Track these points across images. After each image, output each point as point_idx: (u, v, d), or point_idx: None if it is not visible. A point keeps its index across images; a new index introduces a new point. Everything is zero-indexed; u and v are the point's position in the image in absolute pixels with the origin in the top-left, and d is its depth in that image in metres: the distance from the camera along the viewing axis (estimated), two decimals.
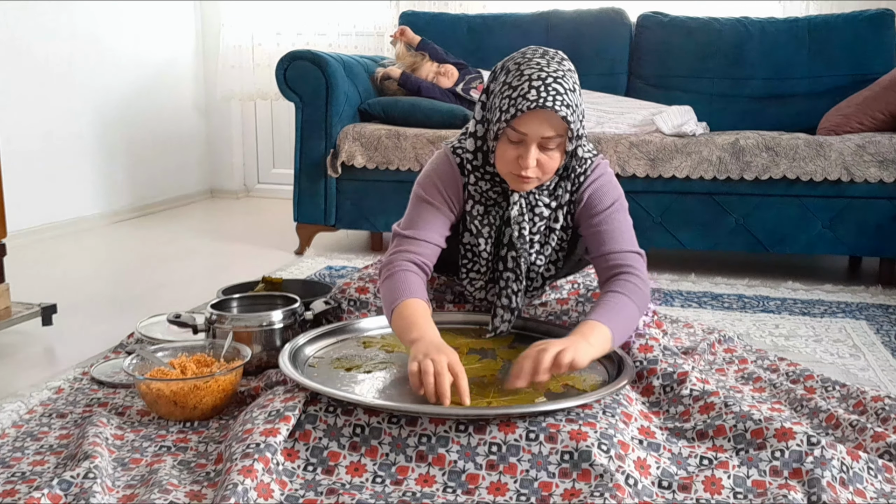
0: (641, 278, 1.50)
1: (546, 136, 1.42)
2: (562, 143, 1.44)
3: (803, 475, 1.20)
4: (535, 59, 1.46)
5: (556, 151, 1.45)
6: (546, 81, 1.41)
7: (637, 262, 1.53)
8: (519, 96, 1.41)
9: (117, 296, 2.50)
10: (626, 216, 1.58)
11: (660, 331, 1.58)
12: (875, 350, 1.96)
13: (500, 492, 1.19)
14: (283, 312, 1.68)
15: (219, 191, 4.58)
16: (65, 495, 1.15)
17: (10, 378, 1.76)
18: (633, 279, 1.49)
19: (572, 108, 1.42)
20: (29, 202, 3.24)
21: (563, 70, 1.45)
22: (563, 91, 1.41)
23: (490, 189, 1.56)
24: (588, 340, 1.35)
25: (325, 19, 4.17)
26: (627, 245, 1.54)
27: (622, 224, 1.56)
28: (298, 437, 1.27)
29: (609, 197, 1.57)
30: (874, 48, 3.11)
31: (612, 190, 1.58)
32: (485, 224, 1.58)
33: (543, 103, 1.39)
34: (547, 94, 1.40)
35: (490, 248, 1.59)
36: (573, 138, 1.45)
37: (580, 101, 1.46)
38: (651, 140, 2.69)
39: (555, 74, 1.43)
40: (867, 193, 2.56)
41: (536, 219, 1.56)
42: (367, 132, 2.92)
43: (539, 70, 1.43)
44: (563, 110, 1.40)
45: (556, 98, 1.40)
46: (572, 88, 1.44)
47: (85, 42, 3.55)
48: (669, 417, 1.40)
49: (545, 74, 1.42)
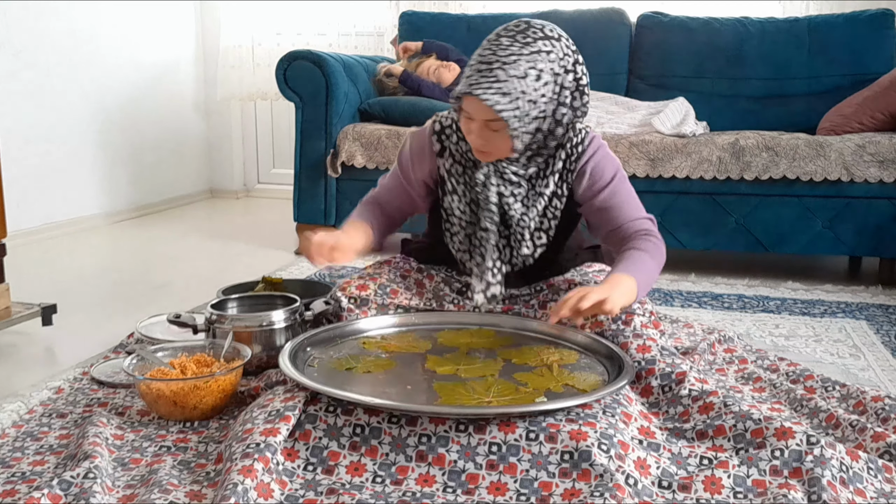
0: (657, 237, 1.63)
1: (487, 118, 1.47)
2: (505, 126, 1.47)
3: (803, 474, 1.20)
4: (500, 39, 1.49)
5: (502, 134, 1.49)
6: (490, 65, 1.45)
7: (650, 225, 1.65)
8: (466, 77, 1.48)
9: (117, 296, 2.50)
10: (629, 185, 1.67)
11: (657, 331, 1.58)
12: (875, 350, 1.96)
13: (500, 492, 1.19)
14: (283, 312, 1.68)
15: (219, 191, 4.58)
16: (65, 495, 1.15)
17: (10, 378, 1.76)
18: (652, 238, 1.62)
19: (512, 95, 1.44)
20: (29, 202, 3.24)
21: (522, 53, 1.46)
22: (506, 78, 1.44)
23: (469, 150, 1.61)
24: (619, 289, 1.46)
25: (325, 19, 4.16)
26: (637, 212, 1.65)
27: (628, 194, 1.65)
28: (298, 436, 1.27)
29: (610, 170, 1.64)
30: (874, 48, 3.11)
31: (611, 162, 1.65)
32: (460, 182, 1.65)
33: (472, 90, 1.44)
34: (483, 78, 1.44)
35: (464, 206, 1.65)
36: (517, 124, 1.47)
37: (539, 86, 1.47)
38: (651, 140, 2.69)
39: (504, 58, 1.45)
40: (867, 193, 2.56)
41: (507, 184, 1.60)
42: (367, 132, 2.92)
43: (491, 53, 1.47)
44: (492, 98, 1.43)
45: (492, 86, 1.43)
46: (522, 74, 1.45)
47: (85, 42, 3.55)
48: (669, 418, 1.40)
49: (493, 59, 1.46)
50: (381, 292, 1.71)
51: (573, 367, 1.47)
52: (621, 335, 1.55)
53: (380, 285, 1.72)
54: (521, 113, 1.47)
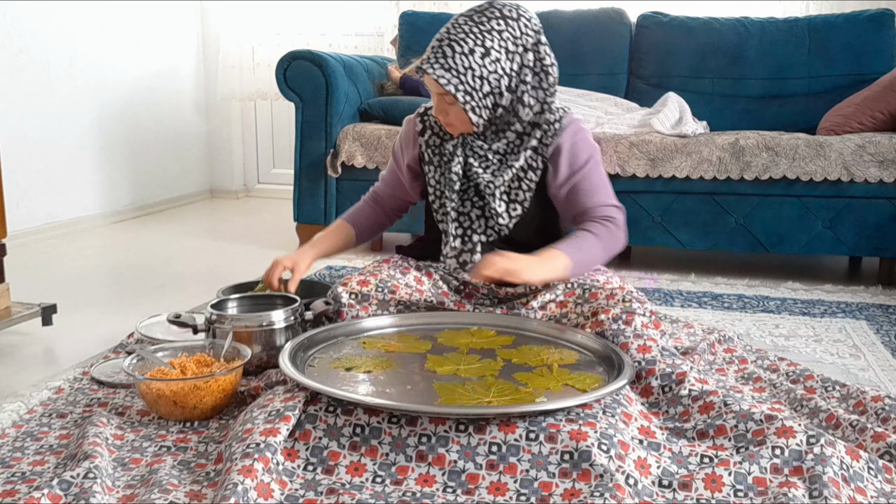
0: (616, 225, 1.64)
1: (440, 93, 1.61)
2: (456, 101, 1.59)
3: (804, 472, 1.20)
4: (459, 18, 1.62)
5: (457, 107, 1.61)
6: (441, 43, 1.59)
7: (615, 213, 1.67)
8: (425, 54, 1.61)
9: (117, 296, 2.50)
10: (603, 171, 1.71)
11: (658, 331, 1.58)
12: (875, 350, 1.96)
13: (500, 492, 1.19)
14: (283, 312, 1.68)
15: (219, 191, 4.58)
16: (65, 495, 1.15)
17: (10, 378, 1.76)
18: (607, 223, 1.65)
19: (456, 70, 1.57)
20: (29, 202, 3.24)
21: (475, 31, 1.59)
22: (452, 54, 1.57)
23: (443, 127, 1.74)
24: (546, 264, 1.55)
25: (325, 19, 4.17)
26: (605, 199, 1.68)
27: (601, 180, 1.69)
28: (298, 436, 1.27)
29: (585, 153, 1.68)
30: (874, 48, 3.11)
31: (588, 146, 1.70)
32: (436, 154, 1.77)
33: (422, 64, 1.59)
34: (433, 55, 1.59)
35: (438, 175, 1.76)
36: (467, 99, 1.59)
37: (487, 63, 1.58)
38: (651, 140, 2.69)
39: (455, 35, 1.58)
40: (867, 193, 2.56)
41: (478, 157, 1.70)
42: (367, 132, 2.92)
43: (446, 32, 1.61)
44: (437, 73, 1.57)
45: (438, 61, 1.58)
46: (469, 51, 1.57)
47: (85, 42, 3.55)
48: (669, 418, 1.40)
49: (445, 37, 1.60)
50: (383, 287, 1.72)
51: (573, 367, 1.47)
52: (622, 335, 1.55)
53: (380, 280, 1.72)
54: (468, 88, 1.58)
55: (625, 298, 1.62)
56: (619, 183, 2.72)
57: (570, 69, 3.35)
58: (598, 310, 1.62)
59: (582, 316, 1.64)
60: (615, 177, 2.72)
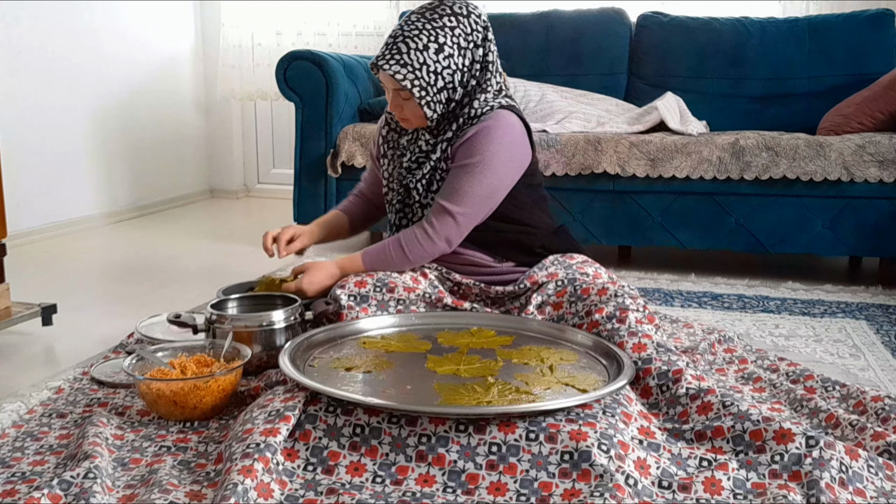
0: (429, 228, 1.71)
1: (395, 88, 1.67)
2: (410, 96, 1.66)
3: (802, 477, 1.20)
4: (411, 16, 1.68)
5: (411, 102, 1.68)
6: (396, 39, 1.65)
7: (438, 216, 1.72)
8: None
9: (117, 296, 2.50)
10: (472, 177, 1.71)
11: (652, 326, 1.57)
12: (875, 350, 1.96)
13: (500, 492, 1.19)
14: (283, 312, 1.68)
15: (219, 191, 4.58)
16: (65, 495, 1.15)
17: (10, 378, 1.76)
18: (422, 226, 1.73)
19: (411, 66, 1.63)
20: (29, 202, 3.24)
21: (427, 28, 1.65)
22: (406, 50, 1.63)
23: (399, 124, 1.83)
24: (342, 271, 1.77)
25: (325, 19, 4.16)
26: (444, 200, 1.72)
27: (459, 182, 1.71)
28: (298, 436, 1.27)
29: (472, 151, 1.71)
30: (874, 48, 3.11)
31: (482, 144, 1.71)
32: (390, 148, 1.85)
33: (377, 61, 1.66)
34: (388, 51, 1.65)
35: (391, 167, 1.84)
36: (422, 93, 1.65)
37: (440, 59, 1.65)
38: (651, 140, 2.69)
39: (408, 32, 1.65)
40: (867, 193, 2.56)
41: (417, 150, 1.78)
42: (367, 132, 2.92)
43: (400, 28, 1.67)
44: (392, 69, 1.63)
45: (393, 57, 1.64)
46: (423, 47, 1.64)
47: (85, 41, 3.55)
48: (668, 419, 1.40)
49: (399, 34, 1.66)
50: (380, 286, 1.72)
51: (573, 367, 1.47)
52: (616, 334, 1.55)
53: (377, 279, 1.72)
54: (423, 83, 1.65)
55: (617, 294, 1.62)
56: (620, 183, 2.73)
57: (570, 69, 3.36)
58: (591, 308, 1.62)
59: (577, 316, 1.64)
60: (615, 177, 2.72)
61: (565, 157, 2.73)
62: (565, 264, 1.74)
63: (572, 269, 1.72)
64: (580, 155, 2.72)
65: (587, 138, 2.73)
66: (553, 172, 2.74)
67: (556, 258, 1.77)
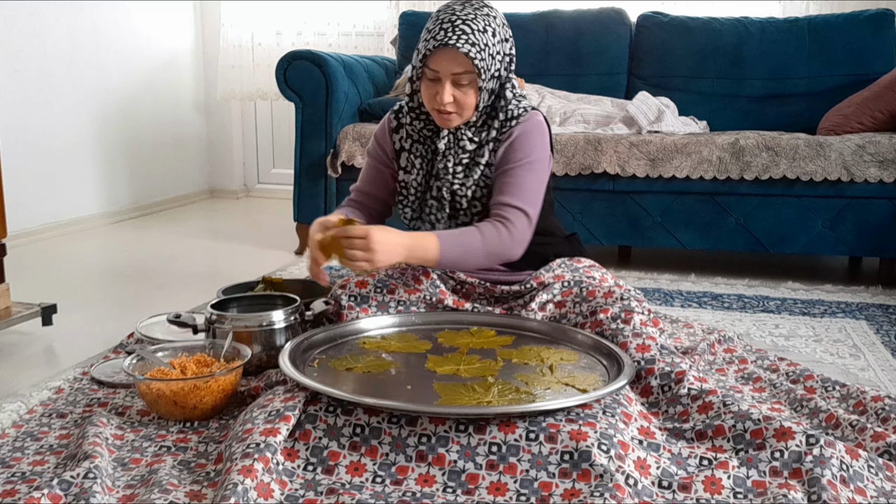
0: (510, 231, 1.63)
1: (455, 72, 1.61)
2: (473, 79, 1.62)
3: (803, 475, 1.20)
4: (452, 6, 1.65)
5: (470, 88, 1.63)
6: (454, 23, 1.61)
7: (515, 216, 1.65)
8: (431, 37, 1.62)
9: (117, 296, 2.50)
10: (534, 175, 1.69)
11: (657, 329, 1.58)
12: (875, 350, 1.96)
13: (500, 492, 1.19)
14: (283, 312, 1.68)
15: (219, 191, 4.58)
16: (65, 495, 1.15)
17: (10, 378, 1.76)
18: (497, 225, 1.63)
19: (479, 46, 1.60)
20: (29, 202, 3.24)
21: (478, 14, 1.63)
22: (471, 31, 1.60)
23: (424, 127, 1.76)
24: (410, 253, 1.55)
25: (325, 19, 4.17)
26: (516, 200, 1.66)
27: (523, 180, 1.68)
28: (298, 436, 1.27)
29: (524, 150, 1.69)
30: (874, 48, 3.11)
31: (532, 144, 1.70)
32: (417, 157, 1.78)
33: (447, 41, 1.59)
34: (452, 33, 1.59)
35: (421, 178, 1.77)
36: (485, 76, 1.62)
37: (496, 42, 1.63)
38: (651, 140, 2.69)
39: (464, 17, 1.62)
40: (867, 193, 2.56)
41: (461, 152, 1.72)
42: (367, 132, 2.92)
43: (451, 14, 1.63)
44: (465, 47, 1.58)
45: (461, 37, 1.59)
46: (482, 29, 1.61)
47: (85, 41, 3.55)
48: (668, 418, 1.40)
49: (455, 17, 1.62)
50: (381, 287, 1.72)
51: (573, 367, 1.47)
52: (620, 334, 1.55)
53: (378, 281, 1.72)
54: (486, 65, 1.62)
55: (623, 297, 1.63)
56: (620, 183, 2.73)
57: (570, 69, 3.36)
58: (596, 309, 1.62)
59: (581, 315, 1.64)
60: (615, 177, 2.72)
61: (565, 158, 2.73)
62: (572, 267, 1.76)
63: (579, 272, 1.73)
64: (580, 155, 2.72)
65: (587, 138, 2.73)
66: (553, 172, 2.73)
67: (563, 261, 1.79)
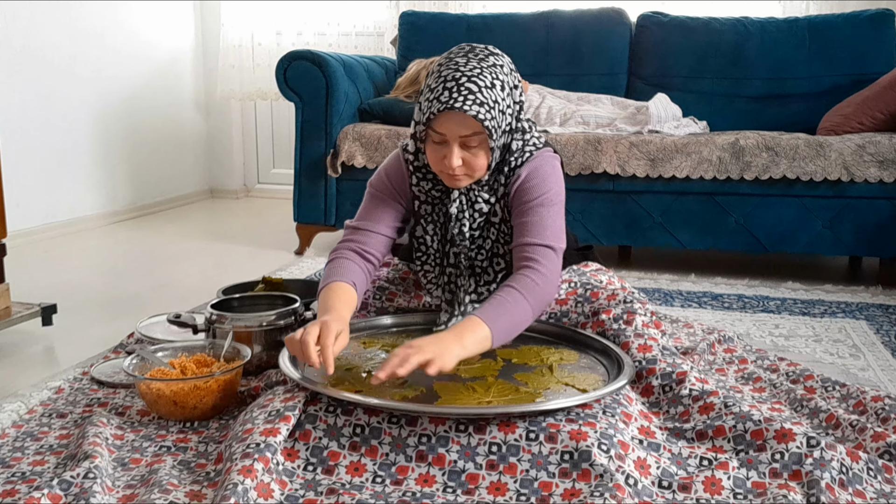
0: (543, 273, 1.48)
1: (463, 135, 1.44)
2: (483, 140, 1.45)
3: (803, 477, 1.20)
4: (455, 59, 1.47)
5: (480, 149, 1.46)
6: (459, 81, 1.43)
7: (545, 256, 1.50)
8: (434, 98, 1.44)
9: (117, 296, 2.50)
10: (552, 210, 1.55)
11: (658, 331, 1.58)
12: (875, 350, 1.96)
13: (500, 492, 1.19)
14: (284, 312, 1.68)
15: (219, 191, 4.58)
16: (65, 495, 1.15)
17: (10, 378, 1.76)
18: (533, 274, 1.47)
19: (487, 105, 1.43)
20: (29, 202, 3.24)
21: (483, 66, 1.45)
22: (478, 89, 1.42)
23: (433, 188, 1.59)
24: (462, 342, 1.34)
25: (325, 19, 4.17)
26: (540, 238, 1.51)
27: (544, 218, 1.54)
28: (298, 436, 1.27)
29: (537, 190, 1.54)
30: (874, 48, 3.11)
31: (542, 183, 1.55)
32: (430, 221, 1.62)
33: (452, 104, 1.41)
34: (458, 94, 1.41)
35: (437, 244, 1.63)
36: (496, 134, 1.46)
37: (504, 96, 1.46)
38: (651, 140, 2.69)
39: (470, 73, 1.43)
40: (867, 193, 2.56)
41: (476, 214, 1.58)
42: (367, 132, 2.92)
43: (455, 70, 1.44)
44: (473, 109, 1.41)
45: (468, 98, 1.41)
46: (490, 85, 1.44)
47: (85, 41, 3.55)
48: (669, 418, 1.40)
49: (459, 74, 1.44)
50: (380, 294, 1.72)
51: (573, 367, 1.47)
52: (622, 335, 1.55)
53: (378, 288, 1.72)
54: (496, 123, 1.45)
55: (626, 299, 1.63)
56: (620, 183, 2.73)
57: (570, 69, 3.36)
58: (598, 309, 1.62)
59: (582, 315, 1.64)
60: (615, 177, 2.72)
61: (565, 158, 2.73)
62: (579, 272, 1.74)
63: (586, 276, 1.72)
64: (580, 155, 2.72)
65: (587, 138, 2.73)
66: None
67: (571, 268, 1.76)
